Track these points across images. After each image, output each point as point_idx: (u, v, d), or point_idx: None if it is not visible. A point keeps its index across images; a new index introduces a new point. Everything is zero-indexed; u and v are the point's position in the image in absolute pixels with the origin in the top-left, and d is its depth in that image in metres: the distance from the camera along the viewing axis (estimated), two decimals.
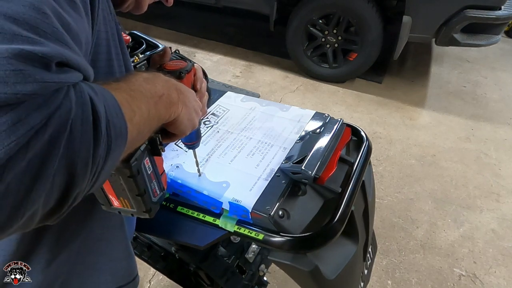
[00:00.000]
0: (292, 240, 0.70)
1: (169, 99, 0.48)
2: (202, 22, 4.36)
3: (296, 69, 3.40)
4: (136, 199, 0.54)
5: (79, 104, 0.31)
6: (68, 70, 0.32)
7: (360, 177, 0.84)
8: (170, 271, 1.21)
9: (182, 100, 0.52)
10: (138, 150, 0.50)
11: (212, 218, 0.77)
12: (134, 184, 0.52)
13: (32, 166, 0.28)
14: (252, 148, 0.88)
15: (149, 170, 0.55)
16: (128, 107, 0.38)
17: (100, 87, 0.36)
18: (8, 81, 0.27)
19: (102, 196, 0.56)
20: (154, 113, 0.44)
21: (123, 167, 0.49)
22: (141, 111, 0.41)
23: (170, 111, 0.48)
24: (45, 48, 0.30)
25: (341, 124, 0.91)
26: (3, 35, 0.29)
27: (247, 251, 1.07)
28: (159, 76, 0.50)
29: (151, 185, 0.56)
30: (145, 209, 0.56)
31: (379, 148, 2.56)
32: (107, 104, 0.35)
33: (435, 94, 3.24)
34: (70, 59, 0.32)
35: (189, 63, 0.65)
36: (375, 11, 2.85)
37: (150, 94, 0.44)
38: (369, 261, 1.08)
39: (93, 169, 0.33)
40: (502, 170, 2.42)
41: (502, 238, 1.97)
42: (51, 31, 0.32)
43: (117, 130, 0.35)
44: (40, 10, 0.32)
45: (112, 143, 0.34)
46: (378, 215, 2.02)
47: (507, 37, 4.36)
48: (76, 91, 0.32)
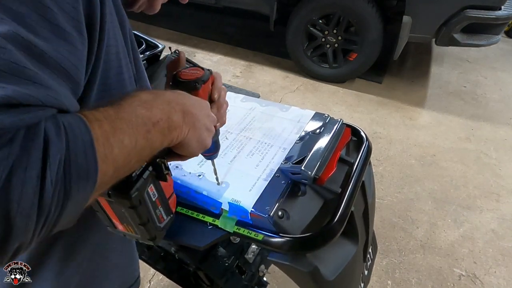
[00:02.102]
0: (292, 240, 0.70)
1: (169, 123, 0.44)
2: (202, 22, 4.36)
3: (296, 69, 3.40)
4: (139, 227, 0.51)
5: (27, 148, 0.29)
6: (23, 110, 0.29)
7: (360, 177, 0.84)
8: (169, 271, 1.21)
9: (189, 122, 0.48)
10: (140, 178, 0.46)
11: (212, 218, 0.77)
12: (136, 215, 0.49)
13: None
14: (251, 148, 0.88)
15: (154, 197, 0.51)
16: (105, 141, 0.35)
17: (75, 119, 0.33)
18: None
19: (106, 220, 0.53)
20: (144, 143, 0.40)
21: (122, 198, 0.46)
22: (122, 145, 0.37)
23: (170, 137, 0.45)
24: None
25: (341, 124, 0.91)
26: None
27: (247, 252, 1.07)
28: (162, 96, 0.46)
29: (156, 212, 0.53)
30: (149, 237, 0.53)
31: (379, 148, 2.55)
32: (75, 142, 0.32)
33: (435, 94, 3.24)
34: (26, 98, 0.30)
35: (206, 72, 0.60)
36: (375, 11, 2.85)
37: (142, 121, 0.40)
38: (369, 262, 1.08)
39: (40, 219, 0.30)
40: (502, 170, 2.42)
41: (502, 238, 1.97)
42: (7, 68, 0.30)
43: (81, 172, 0.32)
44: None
45: (72, 186, 0.31)
46: (378, 215, 2.02)
47: (507, 37, 4.36)
48: (28, 133, 0.29)
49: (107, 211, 0.51)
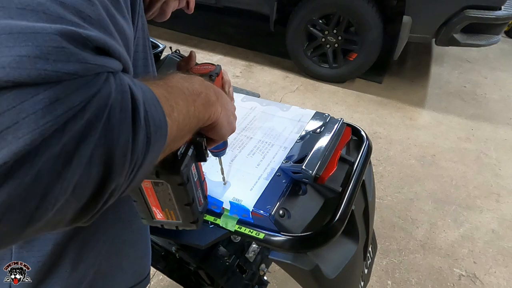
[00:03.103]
0: (293, 239, 0.70)
1: (208, 98, 0.46)
2: (202, 22, 4.36)
3: (296, 69, 3.40)
4: (184, 209, 0.51)
5: (119, 91, 0.30)
6: (109, 57, 0.31)
7: (360, 176, 0.84)
8: (170, 270, 1.21)
9: (221, 102, 0.49)
10: (186, 155, 0.47)
11: (213, 217, 0.77)
12: (185, 193, 0.49)
13: (67, 151, 0.26)
14: (252, 147, 0.88)
15: (195, 177, 0.51)
16: (166, 102, 0.37)
17: (137, 81, 0.35)
18: (50, 58, 0.26)
19: (145, 210, 0.53)
20: (193, 111, 0.42)
21: (173, 174, 0.46)
22: (179, 107, 0.39)
23: (209, 111, 0.46)
24: (90, 31, 0.29)
25: (342, 123, 0.91)
26: (48, 15, 0.28)
27: (248, 251, 1.07)
28: (195, 76, 0.48)
29: (197, 193, 0.53)
30: (192, 220, 0.53)
31: (379, 148, 2.56)
32: (145, 96, 0.33)
33: (435, 94, 3.24)
34: (112, 47, 0.31)
35: (217, 66, 0.62)
36: (375, 11, 2.85)
37: (188, 91, 0.42)
38: (369, 261, 1.08)
39: (132, 162, 0.31)
40: (502, 170, 2.42)
41: (502, 238, 1.97)
42: (97, 18, 0.31)
43: (156, 122, 0.33)
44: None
45: (151, 136, 0.33)
46: (378, 215, 2.02)
47: (507, 37, 4.37)
48: (116, 78, 0.30)
49: (148, 199, 0.51)
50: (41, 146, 0.25)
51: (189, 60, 0.63)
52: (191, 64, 0.63)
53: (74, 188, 0.27)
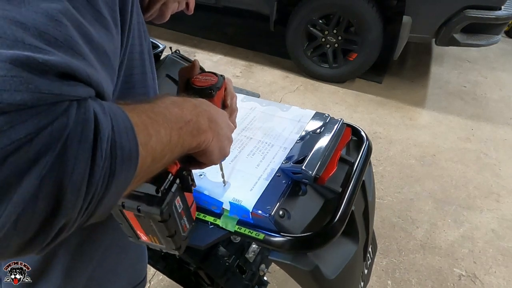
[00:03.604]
0: (293, 240, 0.70)
1: (198, 125, 0.44)
2: (202, 22, 4.36)
3: (296, 69, 3.40)
4: (166, 239, 0.51)
5: (79, 122, 0.28)
6: (74, 83, 0.29)
7: (360, 177, 0.84)
8: (170, 271, 1.21)
9: (214, 128, 0.48)
10: (169, 192, 0.46)
11: (213, 218, 0.77)
12: (165, 228, 0.49)
13: (7, 185, 0.25)
14: (252, 148, 0.88)
15: (180, 208, 0.51)
16: (144, 129, 0.35)
17: (114, 105, 0.33)
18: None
19: (130, 232, 0.53)
20: (177, 140, 0.40)
21: (154, 212, 0.46)
22: (159, 136, 0.37)
23: (198, 139, 0.45)
24: (49, 56, 0.27)
25: (342, 124, 0.91)
26: (3, 40, 0.26)
27: (248, 251, 1.07)
28: (189, 101, 0.46)
29: (181, 222, 0.53)
30: (174, 248, 0.54)
31: (379, 148, 2.56)
32: (117, 124, 0.31)
33: (435, 94, 3.24)
34: (79, 71, 0.29)
35: (220, 78, 0.59)
36: (375, 11, 2.85)
37: (175, 118, 0.40)
38: (369, 261, 1.08)
39: (88, 196, 0.29)
40: (502, 170, 2.42)
41: (502, 238, 1.97)
42: (63, 39, 0.29)
43: (125, 153, 0.31)
44: (53, 17, 0.29)
45: (116, 167, 0.31)
46: (378, 215, 2.02)
47: (507, 37, 4.37)
48: (79, 106, 0.29)
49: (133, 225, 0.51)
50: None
51: (192, 69, 0.61)
52: (193, 73, 0.61)
53: (16, 223, 0.26)
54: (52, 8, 0.30)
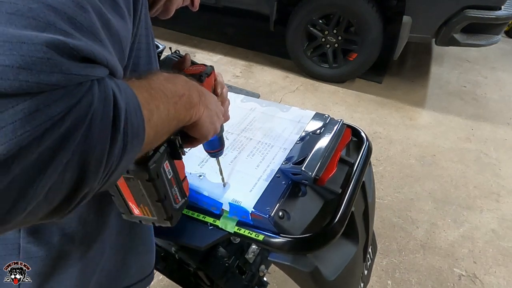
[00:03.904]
0: (292, 241, 0.70)
1: (190, 99, 0.47)
2: (202, 22, 4.36)
3: (296, 69, 3.40)
4: (156, 205, 0.52)
5: (101, 99, 0.30)
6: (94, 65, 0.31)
7: (360, 177, 0.84)
8: (170, 271, 1.21)
9: (204, 102, 0.50)
10: (157, 152, 0.48)
11: (212, 219, 0.77)
12: (154, 189, 0.49)
13: (42, 159, 0.27)
14: (252, 148, 0.88)
15: (169, 174, 0.52)
16: (147, 106, 0.37)
17: (123, 84, 0.35)
18: (33, 68, 0.26)
19: (122, 205, 0.53)
20: (174, 114, 0.43)
21: (141, 170, 0.47)
22: (159, 111, 0.40)
23: (190, 112, 0.47)
24: (77, 41, 0.29)
25: (341, 124, 0.91)
26: (38, 22, 0.28)
27: (247, 252, 1.07)
28: (180, 76, 0.49)
29: (172, 191, 0.53)
30: (165, 217, 0.54)
31: (379, 148, 2.56)
32: (128, 103, 0.34)
33: (435, 94, 3.24)
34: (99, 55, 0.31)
35: (208, 67, 0.63)
36: (375, 11, 2.85)
37: (170, 93, 0.43)
38: (369, 262, 1.08)
39: (106, 168, 0.32)
40: (502, 170, 2.42)
41: (502, 238, 1.97)
42: (88, 25, 0.32)
43: (134, 130, 0.34)
44: (80, 4, 0.31)
45: (128, 142, 0.33)
46: (378, 215, 2.02)
47: (507, 37, 4.36)
48: (100, 85, 0.31)
49: (123, 193, 0.51)
50: (17, 154, 0.25)
51: (183, 62, 0.65)
52: (184, 66, 0.64)
53: (47, 193, 0.28)
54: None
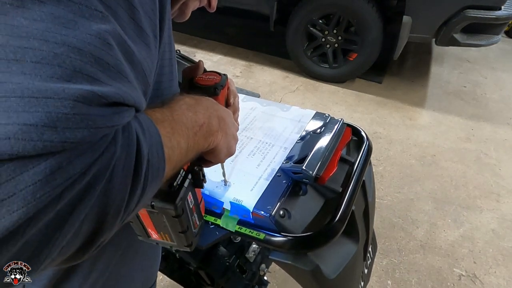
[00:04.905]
0: (293, 239, 0.70)
1: (209, 128, 0.45)
2: (202, 22, 4.36)
3: (296, 69, 3.40)
4: (178, 235, 0.51)
5: (125, 147, 0.29)
6: (122, 109, 0.29)
7: (360, 177, 0.84)
8: (170, 270, 1.22)
9: (223, 128, 0.48)
10: (182, 187, 0.46)
11: (213, 218, 0.77)
12: (179, 223, 0.49)
13: (60, 218, 0.25)
14: (253, 148, 0.88)
15: (191, 204, 0.51)
16: (169, 144, 0.36)
17: (147, 120, 0.33)
18: (58, 126, 0.24)
19: (141, 230, 0.53)
20: (193, 145, 0.41)
21: (169, 208, 0.45)
22: (179, 147, 0.38)
23: (209, 140, 0.45)
24: (105, 88, 0.27)
25: (342, 124, 0.91)
26: (64, 70, 0.26)
27: (248, 251, 1.07)
28: (201, 101, 0.46)
29: (192, 218, 0.53)
30: (186, 244, 0.54)
31: (379, 148, 2.56)
32: (152, 143, 0.32)
33: (435, 94, 3.24)
34: (127, 97, 0.29)
35: (223, 77, 0.60)
36: (375, 11, 2.85)
37: (191, 124, 0.41)
38: (369, 261, 1.08)
39: (124, 216, 0.31)
40: (502, 170, 2.42)
41: (502, 238, 1.97)
42: (114, 64, 0.29)
43: (154, 172, 0.32)
44: (106, 41, 0.29)
45: (147, 186, 0.31)
46: (378, 215, 2.02)
47: (507, 37, 4.37)
48: (124, 132, 0.29)
49: (144, 221, 0.50)
50: (34, 217, 0.24)
51: (196, 70, 0.61)
52: (197, 73, 0.61)
53: (62, 248, 0.27)
54: (103, 30, 0.29)
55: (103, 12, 0.29)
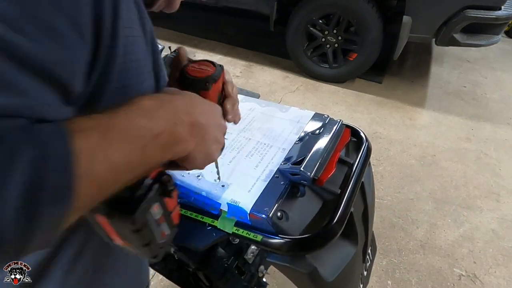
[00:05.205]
0: (291, 241, 0.70)
1: (173, 137, 0.40)
2: (202, 22, 4.36)
3: (296, 69, 3.39)
4: (141, 248, 0.46)
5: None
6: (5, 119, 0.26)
7: (359, 178, 0.84)
8: (169, 271, 1.21)
9: (197, 134, 0.43)
10: (144, 199, 0.41)
11: (211, 219, 0.77)
12: (140, 237, 0.43)
13: None
14: (251, 149, 0.88)
15: (158, 215, 0.45)
16: (88, 157, 0.31)
17: (53, 130, 0.30)
18: None
19: (104, 235, 0.47)
20: (139, 159, 0.36)
21: (126, 220, 0.40)
22: (109, 160, 0.33)
23: (174, 151, 0.41)
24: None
25: (341, 125, 0.91)
26: None
27: (246, 252, 1.07)
28: (168, 103, 0.41)
29: (158, 230, 0.47)
30: (151, 256, 0.48)
31: (379, 148, 2.55)
32: (48, 157, 0.28)
33: (435, 94, 3.24)
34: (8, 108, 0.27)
35: (218, 68, 0.53)
36: (375, 11, 2.85)
37: (139, 133, 0.36)
38: (368, 263, 1.08)
39: (17, 245, 0.27)
40: (502, 170, 2.42)
41: (502, 238, 1.97)
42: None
43: (58, 190, 0.28)
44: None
45: (38, 211, 0.28)
46: (378, 215, 2.02)
47: (507, 37, 4.36)
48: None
49: (105, 229, 0.45)
50: None
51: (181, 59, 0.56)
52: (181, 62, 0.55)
53: None
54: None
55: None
